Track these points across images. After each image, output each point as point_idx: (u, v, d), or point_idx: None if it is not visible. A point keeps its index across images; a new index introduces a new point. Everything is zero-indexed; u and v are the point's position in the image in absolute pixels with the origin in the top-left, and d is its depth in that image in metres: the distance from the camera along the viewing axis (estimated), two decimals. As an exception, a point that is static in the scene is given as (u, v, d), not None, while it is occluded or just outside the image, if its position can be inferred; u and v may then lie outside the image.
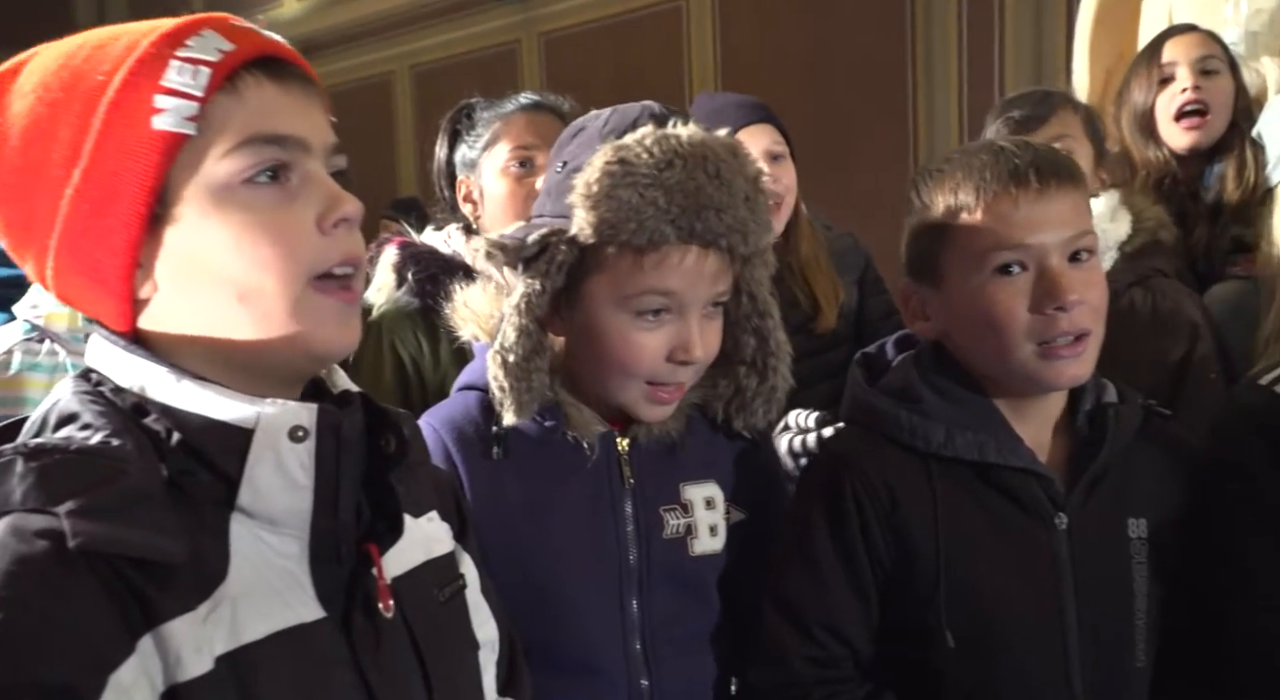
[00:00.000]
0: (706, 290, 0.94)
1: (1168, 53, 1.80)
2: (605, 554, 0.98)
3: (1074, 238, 0.96)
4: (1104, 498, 0.98)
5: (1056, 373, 0.96)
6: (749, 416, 1.03)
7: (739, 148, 0.94)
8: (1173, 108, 1.76)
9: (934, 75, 3.96)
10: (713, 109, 1.70)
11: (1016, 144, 0.99)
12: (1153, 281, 1.47)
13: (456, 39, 5.27)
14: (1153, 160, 1.78)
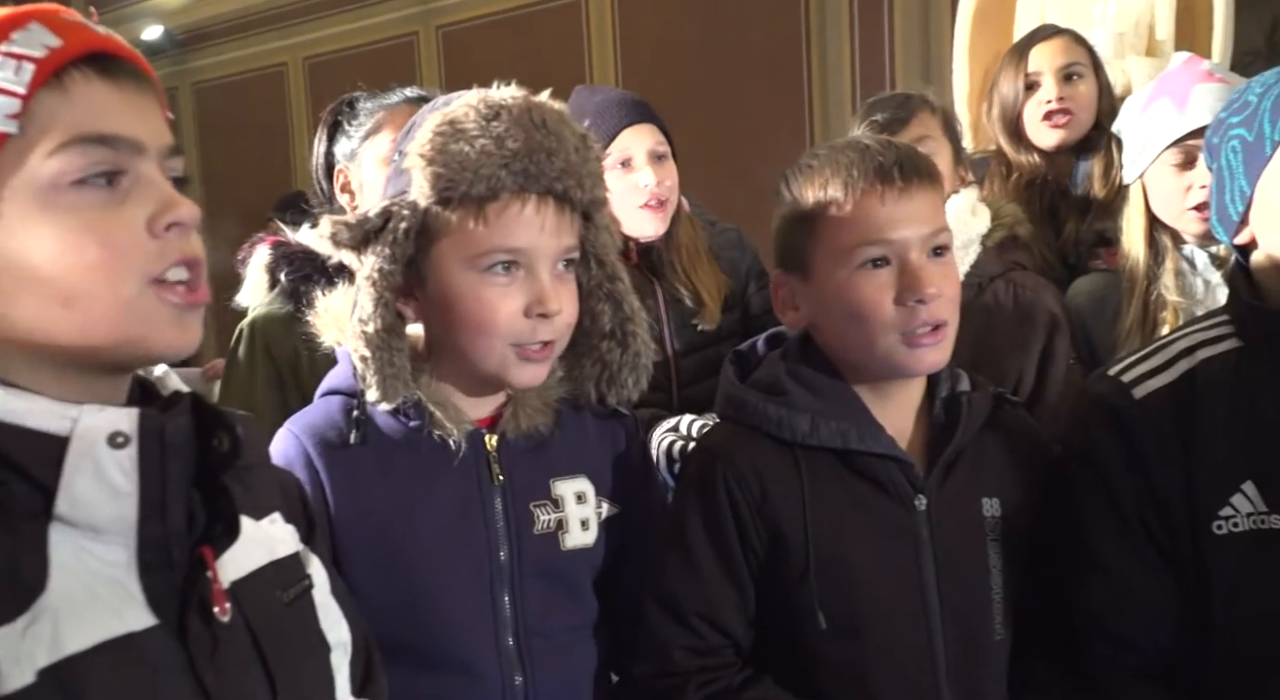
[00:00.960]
0: (553, 243, 0.95)
1: (1033, 60, 1.87)
2: (475, 552, 0.98)
3: (933, 234, 1.00)
4: (959, 479, 1.03)
5: (917, 359, 1.00)
6: (620, 389, 1.04)
7: (565, 113, 0.97)
8: (1039, 113, 1.84)
9: (828, 71, 4.05)
10: (594, 106, 1.69)
11: (881, 143, 1.03)
12: (1013, 274, 1.55)
13: (352, 31, 5.14)
14: (1024, 163, 1.86)
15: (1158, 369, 1.02)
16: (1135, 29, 2.50)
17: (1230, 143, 1.01)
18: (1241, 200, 1.00)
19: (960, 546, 1.02)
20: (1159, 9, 2.50)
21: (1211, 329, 1.03)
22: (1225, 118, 1.03)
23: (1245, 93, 1.02)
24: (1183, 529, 0.97)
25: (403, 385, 0.96)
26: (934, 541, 1.01)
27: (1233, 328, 1.01)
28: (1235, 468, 0.96)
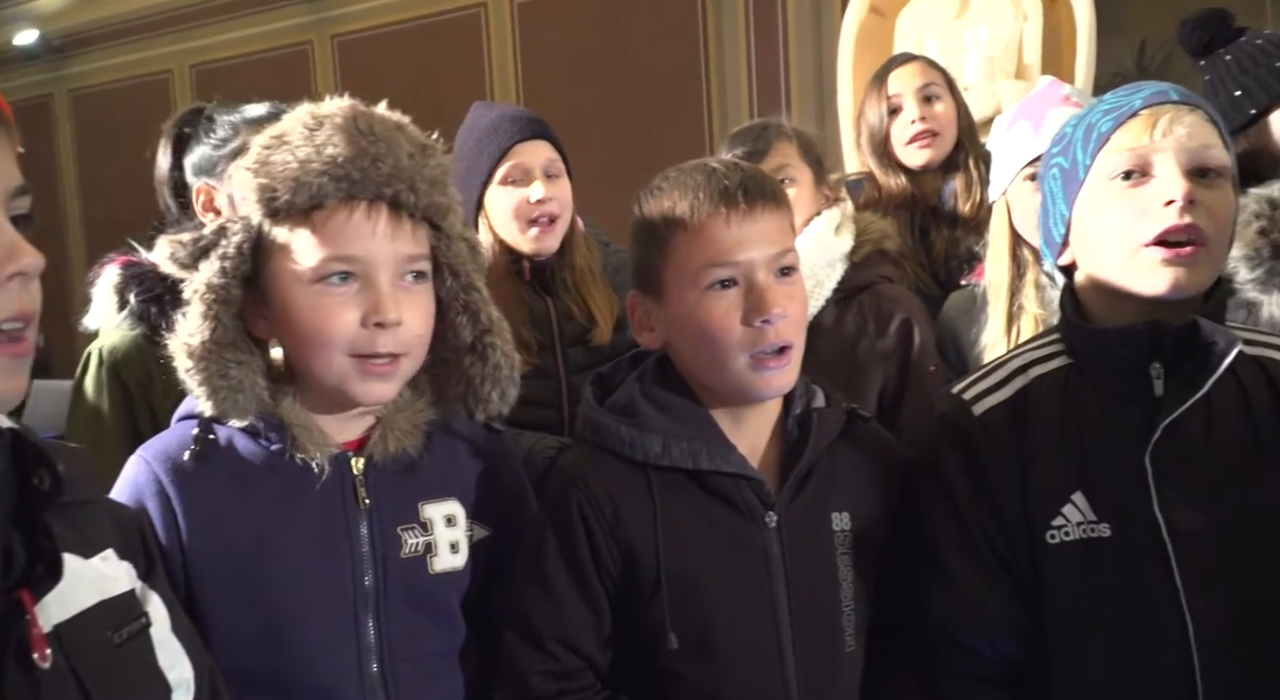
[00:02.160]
0: (387, 250, 0.94)
1: (893, 84, 1.95)
2: (338, 578, 0.97)
3: (779, 255, 1.03)
4: (810, 495, 1.05)
5: (765, 383, 1.02)
6: (485, 404, 1.03)
7: (400, 121, 0.97)
8: (905, 135, 1.92)
9: (726, 90, 4.13)
10: (488, 121, 1.69)
11: (727, 166, 1.05)
12: (878, 287, 1.60)
13: (242, 38, 5.01)
14: (894, 185, 1.93)
15: (995, 386, 1.06)
16: (1005, 53, 2.63)
17: (1051, 171, 1.07)
18: (1062, 224, 1.05)
19: (810, 561, 1.04)
20: (1027, 34, 2.63)
21: (1043, 347, 1.08)
22: (1049, 151, 1.09)
23: (1065, 125, 1.08)
24: (1020, 539, 1.01)
25: (247, 399, 0.95)
26: (784, 557, 1.03)
27: (1063, 345, 1.06)
28: (1066, 479, 1.00)
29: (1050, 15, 2.68)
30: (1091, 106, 1.06)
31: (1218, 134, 1.00)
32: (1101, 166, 1.00)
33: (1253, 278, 1.29)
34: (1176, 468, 0.97)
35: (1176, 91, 1.01)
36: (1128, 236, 0.98)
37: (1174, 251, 0.96)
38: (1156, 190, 0.97)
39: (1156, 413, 0.98)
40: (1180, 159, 0.97)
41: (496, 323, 1.03)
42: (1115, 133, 1.00)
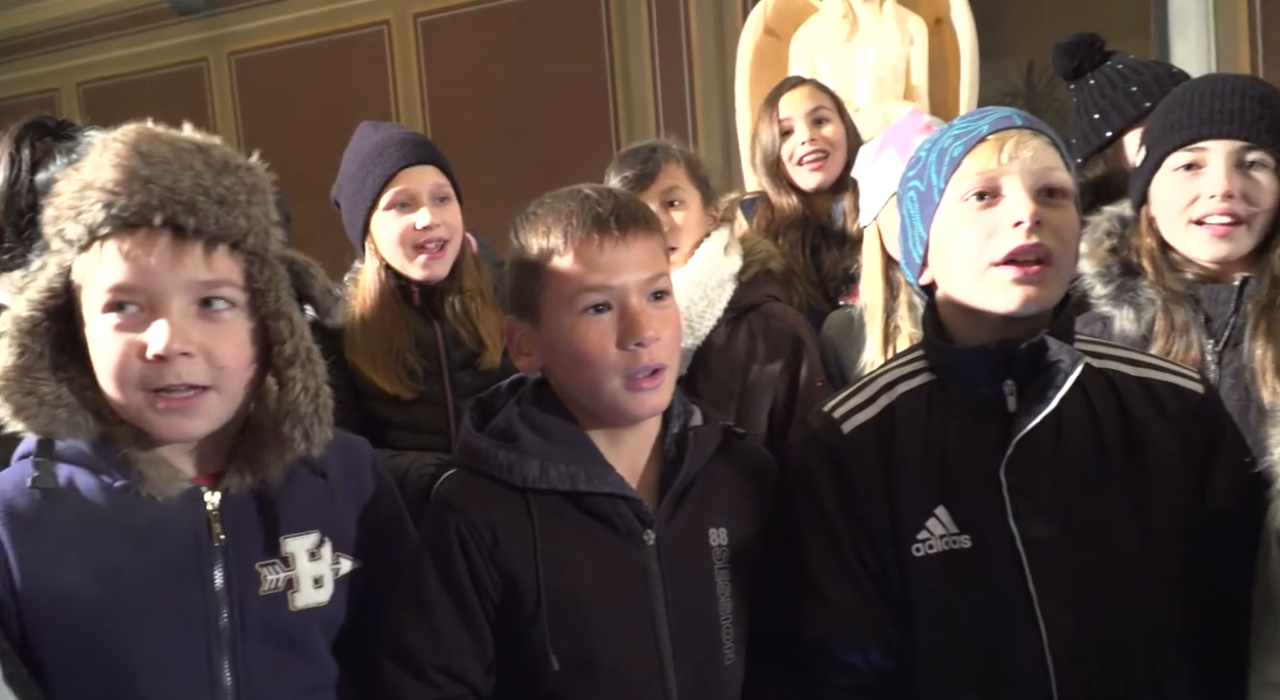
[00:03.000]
0: (169, 276, 0.91)
1: (784, 108, 2.01)
2: (191, 618, 0.94)
3: (652, 279, 1.04)
4: (687, 512, 1.07)
5: (640, 403, 1.04)
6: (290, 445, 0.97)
7: (189, 141, 0.94)
8: (796, 157, 1.98)
9: (633, 107, 4.17)
10: (373, 144, 1.68)
11: (600, 192, 1.06)
12: (766, 306, 1.64)
13: (133, 55, 4.85)
14: (786, 205, 1.99)
15: (863, 404, 1.10)
16: (893, 75, 2.72)
17: (909, 194, 1.11)
18: (921, 244, 1.09)
19: (689, 577, 1.06)
20: (913, 57, 2.73)
21: (908, 364, 1.12)
22: (905, 173, 1.13)
23: (919, 149, 1.12)
24: (889, 553, 1.05)
25: (73, 415, 0.92)
26: (663, 574, 1.04)
27: (925, 363, 1.10)
28: (929, 493, 1.04)
29: (935, 39, 2.78)
30: (942, 131, 1.10)
31: (1060, 156, 1.05)
32: (955, 189, 1.04)
33: (1105, 293, 1.36)
34: (1029, 480, 1.01)
35: (1020, 116, 1.06)
36: (980, 256, 1.02)
37: (1023, 270, 1.00)
38: (1006, 211, 1.01)
39: (1010, 428, 1.02)
40: (1026, 181, 1.01)
41: (305, 354, 0.98)
42: (966, 157, 1.04)
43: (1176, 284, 1.31)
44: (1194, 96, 1.29)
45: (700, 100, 4.09)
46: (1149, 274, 1.33)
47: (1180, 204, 1.30)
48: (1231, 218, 1.25)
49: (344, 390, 1.61)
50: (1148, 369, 1.07)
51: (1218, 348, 1.28)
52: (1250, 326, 1.25)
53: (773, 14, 2.85)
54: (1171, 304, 1.30)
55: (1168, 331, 1.29)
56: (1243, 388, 1.25)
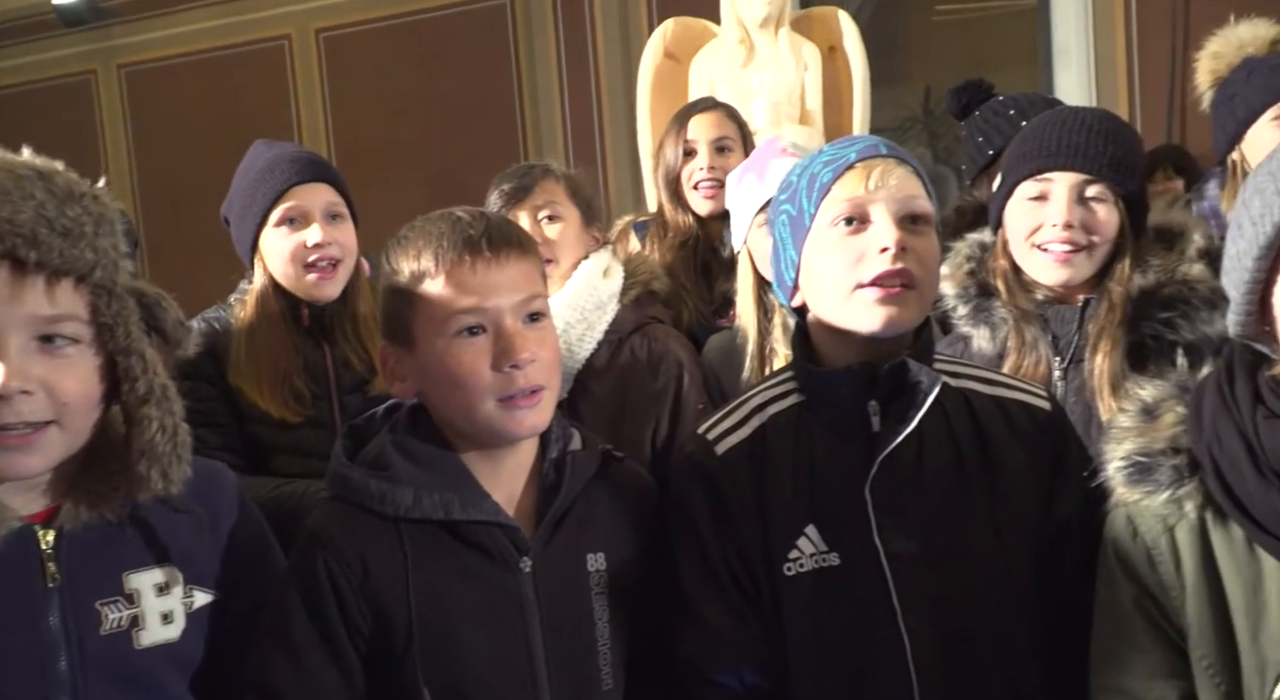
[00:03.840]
0: (9, 313, 0.86)
1: (692, 129, 2.04)
2: (26, 665, 0.90)
3: (527, 300, 1.05)
4: (565, 537, 1.08)
5: (517, 423, 1.04)
6: (145, 484, 0.94)
7: (27, 168, 0.90)
8: (694, 180, 2.00)
9: (541, 127, 4.18)
10: (265, 161, 1.64)
11: (472, 214, 1.06)
12: (648, 328, 1.66)
13: (17, 67, 4.65)
14: (681, 224, 2.01)
15: (736, 426, 1.12)
16: (789, 99, 2.79)
17: (781, 217, 1.14)
18: (793, 268, 1.12)
19: (566, 604, 1.06)
20: (808, 82, 2.81)
21: (778, 386, 1.15)
22: (776, 197, 1.17)
23: (790, 174, 1.16)
24: (762, 573, 1.07)
25: None
26: (540, 601, 1.04)
27: (795, 384, 1.14)
28: (799, 512, 1.07)
29: (829, 65, 2.87)
30: (813, 157, 1.13)
31: (922, 185, 1.10)
32: (825, 214, 1.08)
33: (965, 314, 1.42)
34: (892, 497, 1.05)
35: (885, 145, 1.11)
36: (848, 279, 1.06)
37: (887, 291, 1.04)
38: (873, 237, 1.05)
39: (875, 447, 1.06)
40: (892, 208, 1.05)
41: (159, 392, 0.95)
42: (835, 184, 1.08)
43: (1027, 304, 1.38)
44: (1045, 129, 1.36)
45: (608, 121, 4.13)
46: (1002, 294, 1.39)
47: (1027, 230, 1.37)
48: (1072, 246, 1.33)
49: (224, 415, 1.57)
50: (1001, 388, 1.12)
51: (1063, 364, 1.35)
52: (1091, 345, 1.32)
53: (672, 38, 2.90)
54: (1022, 323, 1.37)
55: (1019, 348, 1.36)
56: (1084, 403, 1.32)
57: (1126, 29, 3.88)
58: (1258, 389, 0.92)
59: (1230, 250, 0.94)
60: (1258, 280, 0.89)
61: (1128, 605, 0.97)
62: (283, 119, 4.21)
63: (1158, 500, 0.95)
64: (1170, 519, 0.95)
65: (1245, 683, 0.90)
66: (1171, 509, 0.95)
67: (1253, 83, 1.72)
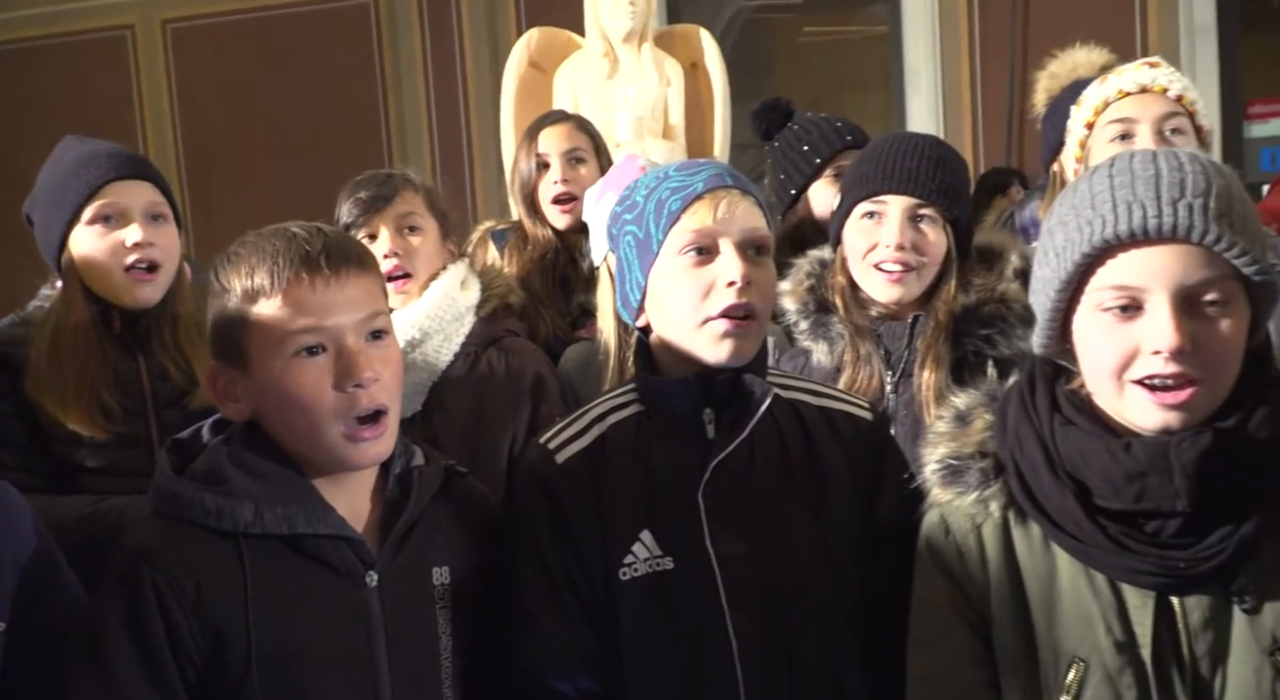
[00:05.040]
0: None
1: (543, 142, 2.04)
2: None
3: (369, 318, 1.03)
4: (411, 552, 1.07)
5: (361, 453, 1.02)
6: None
7: None
8: (549, 194, 2.01)
9: (406, 129, 4.10)
10: (78, 156, 1.53)
11: (309, 230, 1.04)
12: (505, 341, 1.67)
13: None
14: (539, 236, 2.02)
15: (577, 435, 1.14)
16: (652, 114, 2.84)
17: (626, 238, 1.17)
18: (639, 290, 1.15)
19: (410, 617, 1.05)
20: (671, 98, 2.86)
21: (620, 396, 1.17)
22: (620, 213, 1.19)
23: (634, 191, 1.18)
24: (599, 579, 1.09)
25: None
26: (385, 616, 1.03)
27: (637, 394, 1.16)
28: (635, 518, 1.09)
29: (691, 81, 2.93)
30: (659, 181, 1.15)
31: (764, 216, 1.14)
32: (673, 242, 1.11)
33: (805, 329, 1.49)
34: (723, 502, 1.09)
35: (731, 175, 1.14)
36: (696, 310, 1.09)
37: (734, 324, 1.08)
38: (720, 270, 1.09)
39: (709, 454, 1.09)
40: (737, 240, 1.09)
41: None
42: (684, 213, 1.10)
43: (862, 320, 1.45)
44: (881, 153, 1.44)
45: (476, 127, 4.10)
46: (839, 310, 1.46)
47: (863, 249, 1.44)
48: (903, 266, 1.41)
49: (18, 432, 1.46)
50: (827, 399, 1.18)
51: (894, 378, 1.43)
52: (919, 360, 1.40)
53: (537, 48, 2.91)
54: (857, 338, 1.45)
55: (854, 362, 1.43)
56: (914, 415, 1.40)
57: (970, 54, 4.12)
58: (1055, 399, 1.00)
59: (1037, 274, 1.01)
60: (1059, 308, 0.96)
61: (939, 598, 1.03)
62: (125, 112, 3.99)
63: (967, 500, 1.02)
64: (978, 518, 1.02)
65: (1042, 669, 0.97)
66: (979, 508, 1.01)
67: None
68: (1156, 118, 1.47)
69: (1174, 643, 0.93)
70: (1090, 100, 1.51)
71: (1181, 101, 1.48)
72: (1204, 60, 3.67)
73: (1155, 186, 0.89)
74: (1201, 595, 0.93)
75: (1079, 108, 1.54)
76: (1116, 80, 1.50)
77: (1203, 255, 0.88)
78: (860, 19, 4.76)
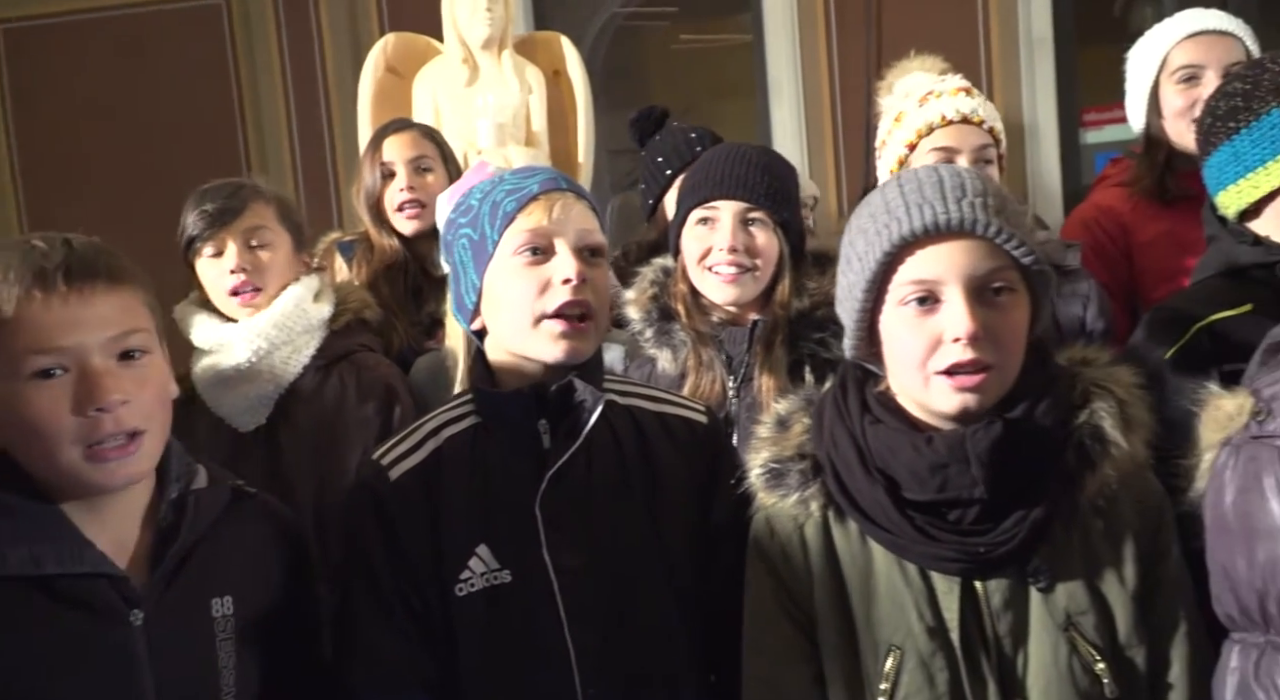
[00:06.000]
0: None
1: (387, 151, 2.01)
2: None
3: (120, 337, 0.97)
4: (186, 583, 1.02)
5: (106, 475, 0.96)
6: None
7: None
8: (395, 202, 1.98)
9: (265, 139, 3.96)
10: None
11: (50, 242, 0.98)
12: (357, 356, 1.65)
13: None
14: (387, 246, 1.98)
15: (411, 450, 1.13)
16: (514, 121, 2.83)
17: (461, 241, 1.16)
18: (474, 292, 1.15)
19: (185, 654, 1.00)
20: (533, 105, 2.86)
21: (456, 408, 1.17)
22: (455, 218, 1.18)
23: (468, 196, 1.18)
24: (434, 597, 1.08)
25: None
26: (152, 656, 0.97)
27: (473, 406, 1.16)
28: (472, 532, 1.09)
29: (554, 89, 2.93)
30: (495, 184, 1.16)
31: (597, 220, 1.16)
32: (508, 242, 1.11)
33: (650, 336, 1.51)
34: (561, 512, 1.09)
35: (565, 180, 1.16)
36: (531, 309, 1.09)
37: (569, 324, 1.09)
38: (556, 268, 1.09)
39: (545, 464, 1.10)
40: (572, 241, 1.11)
41: None
42: (519, 214, 1.11)
43: (704, 326, 1.49)
44: (712, 163, 1.48)
45: (339, 132, 3.98)
46: (681, 317, 1.49)
47: (698, 254, 1.48)
48: (738, 267, 1.45)
49: None
50: (664, 404, 1.21)
51: (736, 383, 1.47)
52: (758, 364, 1.45)
53: (394, 53, 2.86)
54: (699, 344, 1.48)
55: (697, 369, 1.47)
56: (755, 418, 1.43)
57: (830, 65, 4.26)
58: (865, 400, 1.05)
59: (842, 281, 1.06)
60: (866, 310, 1.02)
61: (768, 599, 1.06)
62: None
63: (789, 501, 1.06)
64: (800, 518, 1.06)
65: (862, 660, 1.02)
66: (800, 509, 1.05)
67: None
68: (975, 148, 1.56)
69: (979, 625, 0.99)
70: (912, 122, 1.59)
71: (993, 132, 1.58)
72: (1042, 69, 3.90)
73: (941, 189, 0.97)
74: (1001, 579, 0.99)
75: (898, 126, 1.61)
76: (938, 105, 1.57)
77: (987, 247, 0.96)
78: (730, 28, 4.86)
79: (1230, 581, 0.90)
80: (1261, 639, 0.88)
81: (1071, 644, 0.97)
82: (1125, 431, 0.99)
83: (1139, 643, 0.97)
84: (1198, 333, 1.25)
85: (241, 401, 1.56)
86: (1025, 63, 3.89)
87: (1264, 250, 1.27)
